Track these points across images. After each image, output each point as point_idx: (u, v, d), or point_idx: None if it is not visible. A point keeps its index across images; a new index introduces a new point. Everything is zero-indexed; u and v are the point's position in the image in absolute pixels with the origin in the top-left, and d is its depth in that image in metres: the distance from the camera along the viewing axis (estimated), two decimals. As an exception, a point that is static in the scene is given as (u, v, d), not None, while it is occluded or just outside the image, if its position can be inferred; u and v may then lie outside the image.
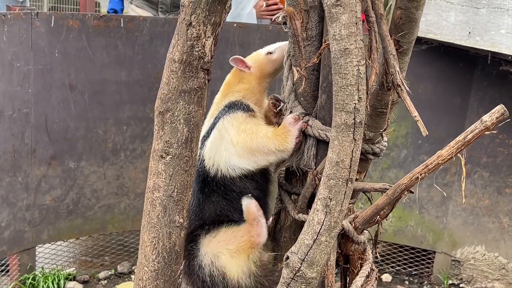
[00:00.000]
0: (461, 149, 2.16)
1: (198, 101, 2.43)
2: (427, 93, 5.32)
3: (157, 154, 2.42)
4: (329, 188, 2.04)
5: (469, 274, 5.49)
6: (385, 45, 2.04)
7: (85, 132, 5.04)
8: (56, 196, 5.02)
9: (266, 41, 5.47)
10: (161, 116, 2.41)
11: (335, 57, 1.94)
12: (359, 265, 2.58)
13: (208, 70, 2.43)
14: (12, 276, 4.97)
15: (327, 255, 2.11)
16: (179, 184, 2.43)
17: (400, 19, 2.04)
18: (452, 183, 5.39)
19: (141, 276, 2.46)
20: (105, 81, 5.02)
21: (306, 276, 2.13)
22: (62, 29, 4.74)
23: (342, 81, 1.94)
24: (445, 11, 4.82)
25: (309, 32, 2.42)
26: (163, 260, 2.44)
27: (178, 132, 2.40)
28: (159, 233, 2.43)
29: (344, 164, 2.00)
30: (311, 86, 2.52)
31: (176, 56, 2.37)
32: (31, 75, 4.67)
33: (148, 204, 2.44)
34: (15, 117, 4.63)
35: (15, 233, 4.82)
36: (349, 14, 1.89)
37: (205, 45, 2.37)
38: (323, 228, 2.07)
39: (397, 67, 2.01)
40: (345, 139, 1.98)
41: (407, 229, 5.61)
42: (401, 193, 2.32)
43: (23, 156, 4.75)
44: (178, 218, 2.44)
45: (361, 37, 1.92)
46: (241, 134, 2.61)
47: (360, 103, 1.95)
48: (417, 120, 1.99)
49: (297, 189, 2.68)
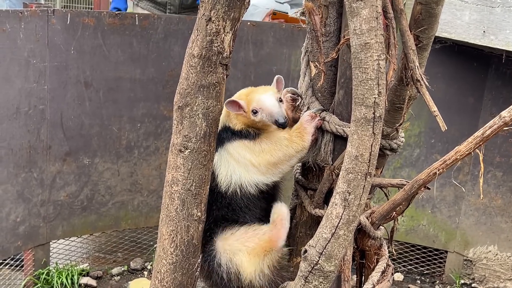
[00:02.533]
0: (479, 145, 2.17)
1: (216, 96, 2.45)
2: (441, 92, 5.31)
3: (176, 148, 2.45)
4: (348, 182, 2.05)
5: (481, 274, 5.48)
6: (404, 40, 2.06)
7: (100, 129, 5.08)
8: (70, 192, 5.06)
9: (280, 39, 5.50)
10: (180, 111, 2.44)
11: (355, 51, 1.95)
12: (375, 261, 2.59)
13: (226, 65, 2.46)
14: (26, 271, 5.01)
15: (344, 249, 2.13)
16: (197, 178, 2.45)
17: (420, 14, 2.06)
18: (465, 182, 5.38)
19: (159, 268, 2.48)
20: (119, 78, 5.06)
21: (324, 270, 2.14)
22: (77, 27, 4.78)
23: (362, 76, 1.96)
24: (459, 10, 4.81)
25: (328, 28, 2.44)
26: (181, 253, 2.46)
27: (196, 126, 2.43)
28: (177, 227, 2.45)
29: (363, 158, 2.02)
30: (329, 82, 2.54)
31: (195, 51, 2.40)
32: (47, 72, 4.70)
33: (166, 198, 2.47)
34: (31, 114, 4.67)
35: (30, 228, 4.86)
36: (370, 9, 1.90)
37: (224, 40, 2.40)
38: (342, 222, 2.08)
39: (416, 62, 2.02)
40: (365, 133, 2.00)
41: (419, 228, 5.61)
42: (418, 189, 2.33)
43: (39, 152, 4.79)
44: (196, 212, 2.47)
45: (382, 31, 1.94)
46: (260, 154, 2.64)
47: (380, 98, 1.96)
48: (436, 115, 2.00)
49: (313, 185, 2.70)
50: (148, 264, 5.49)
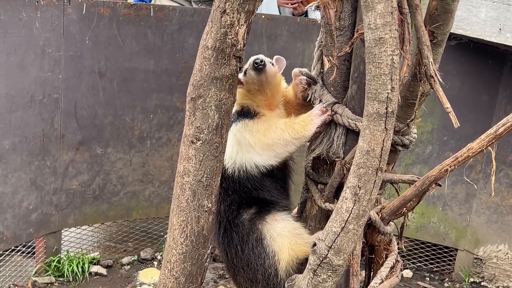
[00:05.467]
0: (492, 143, 2.16)
1: (229, 88, 2.45)
2: (455, 89, 5.28)
3: (188, 139, 2.46)
4: (359, 176, 2.05)
5: (491, 272, 5.46)
6: (419, 36, 2.05)
7: (113, 119, 5.10)
8: (83, 181, 5.10)
9: (294, 33, 5.49)
10: (192, 102, 2.45)
11: (369, 46, 1.95)
12: (384, 256, 2.60)
13: (240, 58, 2.46)
14: (37, 258, 5.06)
15: (354, 243, 2.13)
16: (209, 169, 2.46)
17: (436, 10, 2.05)
18: (477, 180, 5.36)
19: (169, 258, 2.50)
20: (134, 69, 5.08)
21: (332, 263, 2.15)
22: (93, 17, 4.80)
23: (376, 70, 1.95)
24: (475, 7, 4.78)
25: (342, 22, 2.44)
26: (191, 244, 2.48)
27: (209, 118, 2.44)
28: (188, 217, 2.46)
29: (374, 153, 2.02)
30: (342, 76, 2.54)
31: (209, 43, 2.40)
32: (62, 61, 4.73)
33: (177, 188, 2.48)
34: (45, 102, 4.71)
35: (42, 216, 4.90)
36: (385, 4, 1.90)
37: (238, 32, 2.40)
38: (352, 216, 2.08)
39: (430, 58, 2.02)
40: (377, 128, 2.00)
41: (430, 225, 5.60)
42: (429, 185, 2.33)
43: (52, 141, 4.83)
44: (206, 203, 2.48)
45: (396, 26, 1.93)
46: (256, 134, 2.71)
47: (393, 93, 1.96)
48: (449, 112, 2.00)
49: (324, 179, 2.70)
50: (158, 254, 5.52)
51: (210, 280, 5.31)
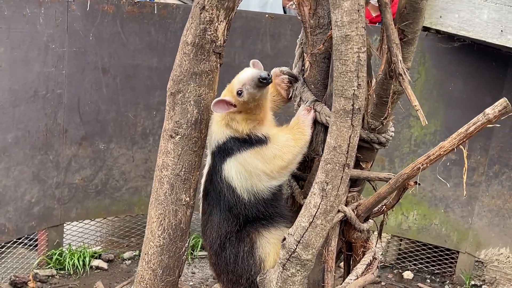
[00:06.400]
0: (463, 141, 2.17)
1: (209, 84, 2.50)
2: (458, 91, 5.26)
3: (167, 133, 2.50)
4: (326, 172, 2.08)
5: (492, 276, 5.42)
6: (388, 34, 2.06)
7: (116, 115, 5.17)
8: (85, 176, 5.17)
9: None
10: (172, 97, 2.49)
11: (336, 43, 1.97)
12: (361, 253, 2.61)
13: (220, 54, 2.50)
14: (40, 251, 5.14)
15: (322, 238, 2.15)
16: (187, 163, 2.50)
17: (405, 9, 2.06)
18: (479, 183, 5.32)
19: (147, 250, 2.54)
20: (137, 66, 5.14)
21: (301, 258, 2.17)
22: (97, 14, 4.87)
23: (342, 67, 1.97)
24: (478, 9, 4.75)
25: (321, 20, 2.46)
26: (168, 236, 2.52)
27: (188, 113, 2.48)
28: (165, 210, 2.51)
29: (341, 150, 2.04)
30: (322, 74, 2.56)
31: (189, 39, 2.44)
32: (65, 57, 4.81)
33: (156, 182, 2.53)
34: (49, 97, 4.78)
35: (44, 209, 4.98)
36: (351, 1, 1.92)
37: (218, 29, 2.44)
38: (319, 211, 2.11)
39: (399, 56, 2.03)
40: (343, 124, 2.02)
41: (432, 227, 5.57)
42: (403, 183, 2.34)
43: (55, 136, 4.91)
44: (184, 197, 2.52)
45: (363, 24, 1.95)
46: (272, 161, 2.59)
47: (359, 90, 1.98)
48: (417, 110, 2.01)
49: (305, 175, 2.72)
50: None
51: (210, 276, 5.35)
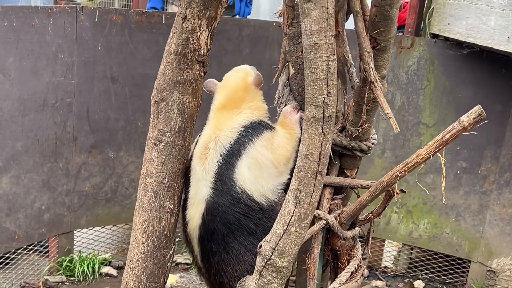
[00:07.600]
0: (439, 149, 2.16)
1: (192, 92, 2.53)
2: (468, 98, 5.20)
3: (151, 141, 2.54)
4: (299, 179, 2.08)
5: (504, 285, 5.33)
6: (360, 42, 2.07)
7: (125, 124, 5.24)
8: (95, 184, 5.24)
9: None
10: (156, 105, 2.53)
11: (306, 51, 1.98)
12: (346, 261, 2.60)
13: (203, 63, 2.53)
14: (50, 257, 5.22)
15: (297, 245, 2.16)
16: (171, 171, 2.53)
17: (376, 17, 2.06)
18: (490, 191, 5.25)
19: (132, 257, 2.58)
20: (145, 75, 5.20)
21: (277, 265, 2.18)
22: (105, 24, 4.95)
23: (312, 76, 1.98)
24: (485, 15, 4.71)
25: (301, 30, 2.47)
26: (153, 243, 2.55)
27: (171, 121, 2.51)
28: (149, 217, 2.54)
29: (313, 157, 2.04)
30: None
31: (172, 48, 2.48)
32: (74, 66, 4.89)
33: (140, 189, 2.56)
34: (58, 106, 4.87)
35: (54, 216, 5.06)
36: (320, 10, 1.93)
37: (200, 38, 2.47)
38: (293, 218, 2.11)
39: (371, 64, 2.03)
40: (314, 132, 2.02)
41: (443, 236, 5.51)
42: (382, 190, 2.33)
43: (65, 144, 4.99)
44: (168, 204, 2.55)
45: (332, 33, 1.96)
46: (277, 150, 2.56)
47: (329, 98, 1.98)
48: (389, 118, 2.00)
49: (287, 183, 2.72)
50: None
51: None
